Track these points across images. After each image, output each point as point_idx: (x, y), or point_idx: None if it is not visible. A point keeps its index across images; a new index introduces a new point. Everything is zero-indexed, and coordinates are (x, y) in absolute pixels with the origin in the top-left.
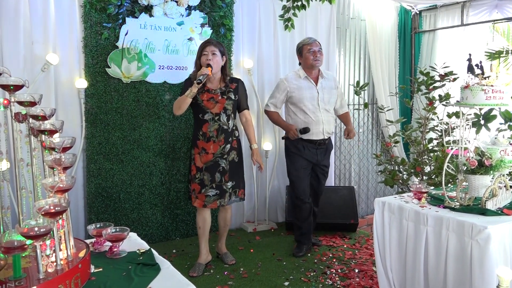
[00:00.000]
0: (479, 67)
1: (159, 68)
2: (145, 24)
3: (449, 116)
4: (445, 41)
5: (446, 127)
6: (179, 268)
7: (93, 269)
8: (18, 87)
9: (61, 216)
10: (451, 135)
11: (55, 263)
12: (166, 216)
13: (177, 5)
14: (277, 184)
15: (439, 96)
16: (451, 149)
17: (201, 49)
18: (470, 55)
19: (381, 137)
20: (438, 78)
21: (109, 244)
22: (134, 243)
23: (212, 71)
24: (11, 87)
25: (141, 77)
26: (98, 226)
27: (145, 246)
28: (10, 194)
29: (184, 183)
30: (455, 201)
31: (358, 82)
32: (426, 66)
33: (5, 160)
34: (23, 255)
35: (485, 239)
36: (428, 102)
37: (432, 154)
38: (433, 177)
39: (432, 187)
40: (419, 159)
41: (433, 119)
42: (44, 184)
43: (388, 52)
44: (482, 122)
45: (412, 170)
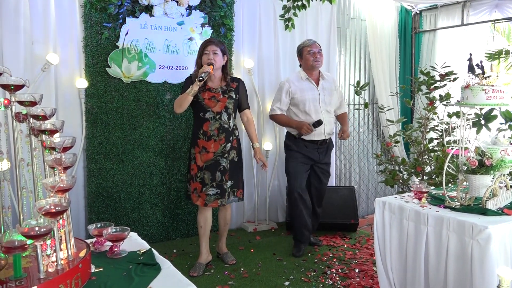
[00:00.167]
0: (479, 67)
1: (159, 68)
2: (145, 24)
3: (450, 116)
4: (445, 41)
5: (447, 127)
6: (180, 268)
7: (93, 269)
8: (18, 87)
9: (61, 216)
10: (451, 135)
11: (55, 263)
12: (167, 216)
13: (177, 5)
14: (277, 184)
15: (439, 96)
16: (452, 149)
17: (203, 48)
18: (470, 54)
19: (382, 137)
20: (439, 78)
21: (109, 244)
22: (134, 243)
23: (214, 68)
24: (12, 87)
25: (141, 77)
26: (98, 226)
27: (145, 246)
28: (10, 194)
29: (185, 182)
30: (456, 201)
31: (358, 82)
32: (426, 66)
33: (5, 160)
34: (24, 254)
35: (485, 239)
36: (428, 102)
37: (432, 154)
38: (433, 177)
39: (433, 187)
40: (420, 159)
41: (433, 119)
42: (44, 184)
43: (389, 52)
44: (483, 122)
45: (413, 170)
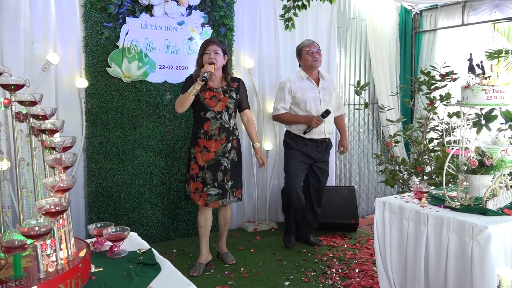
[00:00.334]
0: (480, 67)
1: (159, 68)
2: (145, 24)
3: (450, 116)
4: (445, 41)
5: (447, 127)
6: (180, 267)
7: (93, 268)
8: (18, 87)
9: (61, 216)
10: (451, 135)
11: (55, 263)
12: (167, 216)
13: (177, 4)
14: (277, 184)
15: (439, 96)
16: (452, 149)
17: (204, 48)
18: (471, 55)
19: (382, 137)
20: (439, 78)
21: (109, 243)
22: (134, 242)
23: (215, 67)
24: (12, 87)
25: (141, 76)
26: (98, 225)
27: (145, 245)
28: (10, 193)
29: (183, 183)
30: (456, 201)
31: (358, 82)
32: (426, 66)
33: (5, 160)
34: (24, 254)
35: (485, 239)
36: (428, 102)
37: (432, 154)
38: (433, 177)
39: (433, 187)
40: (420, 159)
41: (433, 119)
42: (44, 184)
43: (389, 52)
44: (483, 122)
45: (413, 170)
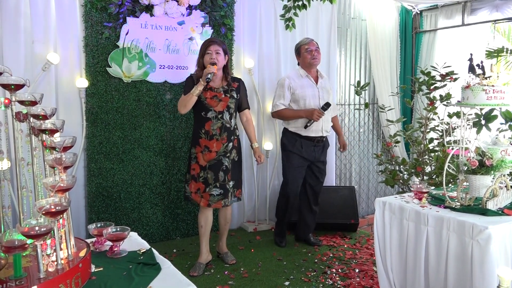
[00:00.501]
0: (480, 67)
1: (159, 68)
2: (145, 24)
3: (450, 116)
4: (445, 41)
5: (447, 127)
6: (180, 267)
7: (93, 268)
8: (18, 87)
9: (61, 216)
10: (452, 135)
11: (55, 263)
12: (167, 216)
13: (177, 4)
14: (277, 184)
15: (440, 96)
16: (452, 149)
17: (205, 48)
18: (471, 55)
19: (382, 137)
20: (439, 78)
21: (109, 243)
22: (134, 242)
23: (217, 67)
24: (12, 86)
25: (141, 76)
26: (98, 225)
27: (145, 245)
28: (10, 193)
29: (183, 183)
30: (456, 201)
31: (359, 82)
32: (426, 66)
33: (5, 159)
34: (24, 254)
35: (485, 239)
36: (429, 102)
37: (432, 154)
38: (433, 177)
39: (433, 187)
40: (420, 159)
41: (433, 119)
42: (44, 184)
43: (389, 52)
44: (483, 122)
45: (413, 170)
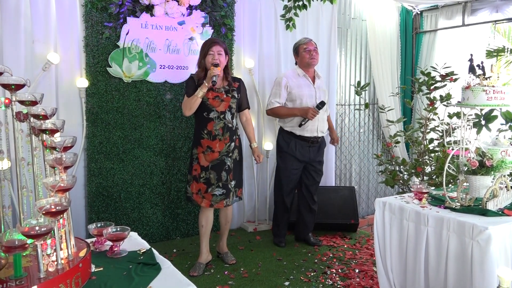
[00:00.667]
0: (480, 67)
1: (160, 68)
2: (146, 24)
3: (450, 116)
4: (445, 41)
5: (447, 127)
6: (180, 267)
7: (93, 268)
8: (19, 86)
9: (62, 216)
10: (452, 135)
11: (55, 262)
12: (167, 216)
13: (178, 4)
14: None
15: (440, 96)
16: (452, 149)
17: (207, 49)
18: (471, 55)
19: (382, 137)
20: (439, 78)
21: (109, 243)
22: (134, 242)
23: (220, 68)
24: (12, 86)
25: (142, 76)
26: (98, 225)
27: (145, 245)
28: (11, 193)
29: (184, 184)
30: (456, 201)
31: (359, 82)
32: (427, 66)
33: (6, 159)
34: (24, 254)
35: (485, 240)
36: (429, 103)
37: (433, 155)
38: (433, 177)
39: (433, 188)
40: (420, 160)
41: (434, 119)
42: (45, 184)
43: (390, 52)
44: (483, 122)
45: (413, 171)
